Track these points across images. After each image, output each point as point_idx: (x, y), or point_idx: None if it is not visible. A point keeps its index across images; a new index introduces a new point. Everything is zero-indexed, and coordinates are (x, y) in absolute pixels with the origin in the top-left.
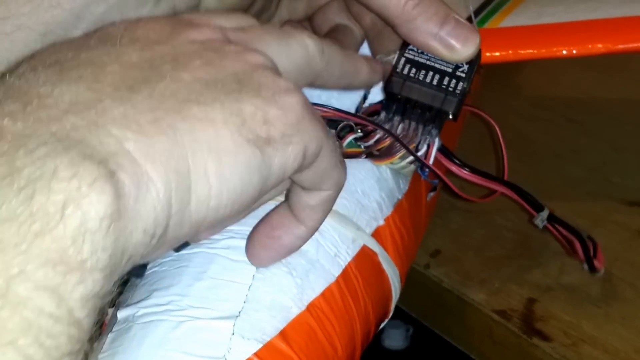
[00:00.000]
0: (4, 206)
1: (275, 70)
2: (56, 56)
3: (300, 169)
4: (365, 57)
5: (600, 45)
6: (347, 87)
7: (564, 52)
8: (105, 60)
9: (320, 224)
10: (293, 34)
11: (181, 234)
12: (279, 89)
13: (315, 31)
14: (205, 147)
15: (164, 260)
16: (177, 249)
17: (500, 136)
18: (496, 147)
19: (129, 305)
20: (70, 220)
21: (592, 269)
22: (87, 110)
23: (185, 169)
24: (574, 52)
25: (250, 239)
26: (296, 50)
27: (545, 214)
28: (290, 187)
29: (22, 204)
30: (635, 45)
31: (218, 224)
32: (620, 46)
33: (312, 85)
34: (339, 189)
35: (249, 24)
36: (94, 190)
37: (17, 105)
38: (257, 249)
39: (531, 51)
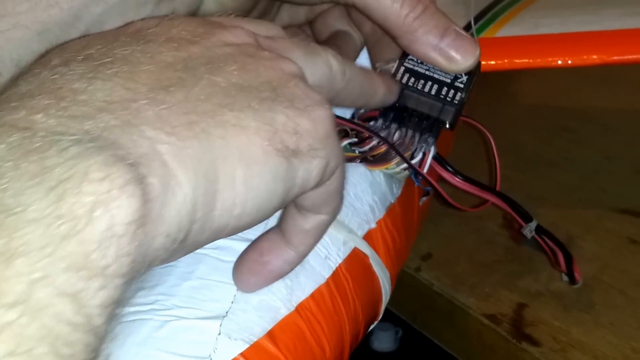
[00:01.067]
0: (33, 206)
1: (306, 81)
2: (88, 50)
3: (317, 184)
4: (382, 77)
5: (595, 57)
6: (363, 107)
7: (559, 62)
8: (141, 59)
9: (310, 250)
10: (318, 51)
11: (201, 239)
12: (311, 101)
13: (315, 36)
14: (236, 154)
15: None
16: None
17: (494, 148)
18: (489, 155)
19: None
20: (98, 223)
21: (573, 281)
22: (121, 110)
23: (214, 174)
24: (569, 62)
25: (237, 264)
26: (320, 67)
27: (533, 225)
28: (285, 210)
29: (51, 205)
30: (629, 57)
31: (237, 232)
32: (615, 58)
33: (330, 103)
34: (335, 216)
35: (278, 34)
36: (124, 193)
37: (51, 101)
38: (245, 274)
39: (527, 61)
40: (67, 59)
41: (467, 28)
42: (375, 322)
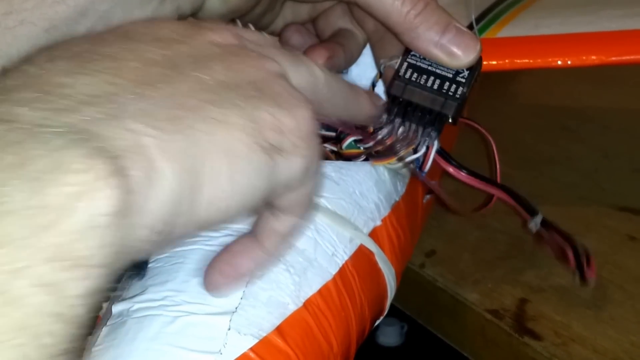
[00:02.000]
0: (13, 197)
1: (290, 81)
2: (75, 49)
3: (299, 184)
4: (368, 93)
5: (594, 57)
6: (348, 121)
7: (559, 62)
8: (127, 56)
9: (281, 253)
10: (304, 59)
11: (186, 232)
12: (295, 100)
13: (318, 34)
14: (220, 150)
15: (160, 256)
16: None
17: (494, 149)
18: (490, 154)
19: (123, 299)
20: (80, 214)
21: (583, 279)
22: (106, 104)
23: (199, 168)
24: (569, 62)
25: (208, 267)
26: (304, 74)
27: (538, 218)
28: (258, 213)
29: (32, 196)
30: (627, 57)
31: (222, 226)
32: (613, 58)
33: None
34: (306, 219)
35: (265, 42)
36: (106, 185)
37: (35, 94)
38: (215, 276)
39: (527, 61)
40: (54, 57)
41: (469, 29)
42: (381, 318)
